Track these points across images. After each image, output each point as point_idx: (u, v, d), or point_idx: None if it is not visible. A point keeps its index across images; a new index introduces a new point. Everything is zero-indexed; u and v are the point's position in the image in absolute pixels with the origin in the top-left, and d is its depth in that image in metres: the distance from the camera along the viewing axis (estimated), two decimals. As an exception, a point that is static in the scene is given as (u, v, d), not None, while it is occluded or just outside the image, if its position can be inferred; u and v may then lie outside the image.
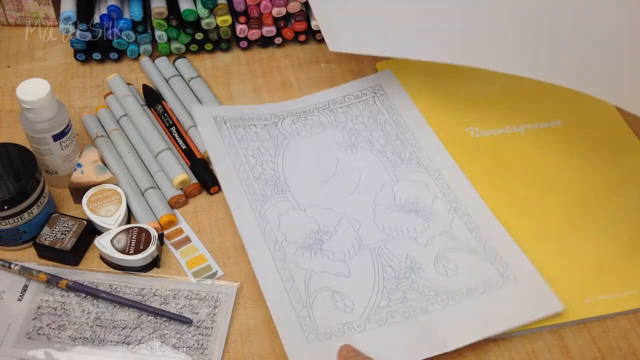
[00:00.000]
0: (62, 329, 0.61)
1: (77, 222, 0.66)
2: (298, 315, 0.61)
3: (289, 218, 0.68)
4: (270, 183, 0.70)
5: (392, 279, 0.64)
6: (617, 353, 0.61)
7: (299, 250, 0.65)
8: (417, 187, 0.71)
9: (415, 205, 0.69)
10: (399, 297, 0.62)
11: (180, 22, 0.82)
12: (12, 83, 0.82)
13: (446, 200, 0.69)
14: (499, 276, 0.64)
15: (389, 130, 0.76)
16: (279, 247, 0.65)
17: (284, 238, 0.66)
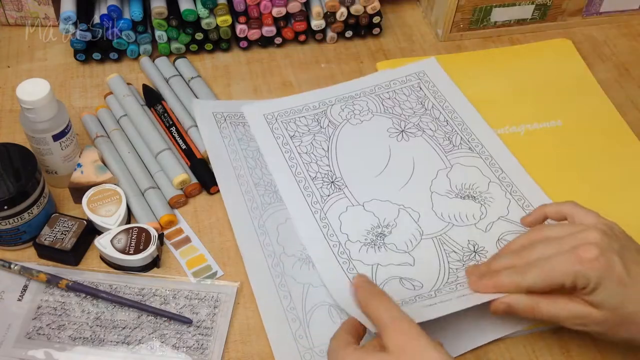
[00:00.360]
0: (62, 329, 0.61)
1: (77, 222, 0.66)
2: (294, 335, 0.60)
3: (287, 228, 0.67)
4: (269, 190, 0.70)
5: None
6: (617, 353, 0.61)
7: (297, 263, 0.65)
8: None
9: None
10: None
11: (180, 22, 0.82)
12: (12, 83, 0.82)
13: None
14: None
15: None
16: (277, 261, 0.65)
17: (283, 251, 0.66)
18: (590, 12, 0.91)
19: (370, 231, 0.66)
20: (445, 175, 0.71)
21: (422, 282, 0.63)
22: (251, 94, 0.82)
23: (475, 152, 0.73)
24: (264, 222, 0.68)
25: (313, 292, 0.63)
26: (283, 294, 0.63)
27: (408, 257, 0.65)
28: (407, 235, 0.66)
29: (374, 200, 0.69)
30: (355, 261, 0.64)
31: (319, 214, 0.67)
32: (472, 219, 0.68)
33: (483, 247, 0.65)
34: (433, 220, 0.67)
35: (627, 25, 0.93)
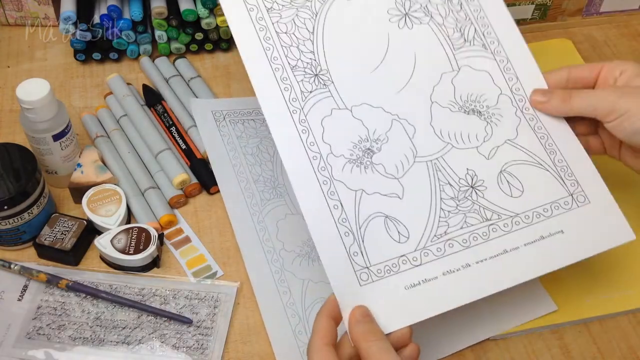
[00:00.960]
0: (62, 329, 0.61)
1: (77, 222, 0.66)
2: (294, 331, 0.61)
3: (287, 224, 0.68)
4: (269, 186, 0.70)
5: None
6: (617, 353, 0.61)
7: (297, 259, 0.65)
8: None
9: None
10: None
11: (180, 22, 0.82)
12: (12, 83, 0.82)
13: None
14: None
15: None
16: (277, 256, 0.65)
17: (282, 246, 0.66)
18: (590, 12, 0.91)
19: (357, 145, 0.56)
20: (450, 80, 0.60)
21: (409, 229, 0.54)
22: (251, 94, 0.81)
23: (489, 51, 0.61)
24: (264, 218, 0.68)
25: (313, 288, 0.63)
26: (282, 289, 0.63)
27: (397, 185, 0.56)
28: (398, 156, 0.57)
29: (364, 105, 0.58)
30: (337, 182, 0.55)
31: (297, 114, 0.56)
32: (475, 140, 0.58)
33: (482, 180, 0.57)
34: (430, 139, 0.58)
35: (627, 25, 0.93)
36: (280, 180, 0.71)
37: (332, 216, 0.54)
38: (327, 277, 0.62)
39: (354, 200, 0.54)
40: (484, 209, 0.56)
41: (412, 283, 0.53)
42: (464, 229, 0.55)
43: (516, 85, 0.61)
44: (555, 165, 0.59)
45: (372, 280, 0.52)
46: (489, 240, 0.55)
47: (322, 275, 0.64)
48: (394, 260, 0.53)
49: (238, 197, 0.69)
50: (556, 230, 0.56)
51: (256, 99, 0.78)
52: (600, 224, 0.57)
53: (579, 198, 0.58)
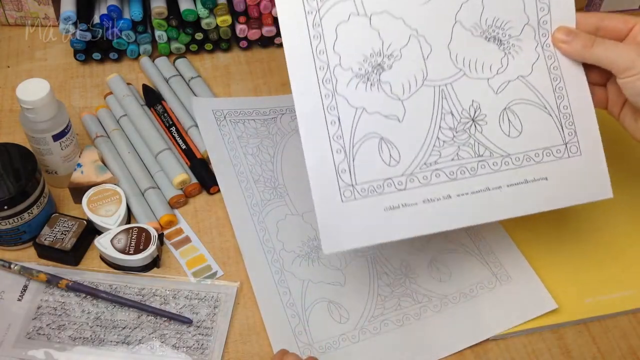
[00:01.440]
0: (62, 329, 0.61)
1: (77, 222, 0.66)
2: (294, 331, 0.61)
3: (287, 224, 0.68)
4: (269, 186, 0.70)
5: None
6: (617, 353, 0.61)
7: (297, 259, 0.65)
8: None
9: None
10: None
11: (180, 22, 0.82)
12: (12, 83, 0.82)
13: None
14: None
15: None
16: (277, 257, 0.65)
17: (282, 247, 0.66)
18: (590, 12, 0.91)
19: (369, 58, 0.54)
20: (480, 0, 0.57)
21: (401, 153, 0.54)
22: (251, 94, 0.82)
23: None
24: (264, 218, 0.68)
25: (313, 288, 0.63)
26: (282, 290, 0.63)
27: (399, 106, 0.55)
28: (407, 76, 0.55)
29: (385, 13, 0.55)
30: (339, 97, 0.54)
31: (312, 16, 0.54)
32: (489, 71, 0.57)
33: (485, 115, 0.56)
34: (444, 62, 0.56)
35: (627, 25, 0.93)
36: (280, 181, 0.71)
37: (328, 131, 0.53)
38: (327, 278, 0.62)
39: (353, 117, 0.54)
40: (479, 144, 0.56)
41: (392, 205, 0.54)
42: (454, 161, 0.55)
43: (545, 17, 0.58)
44: (559, 110, 0.58)
45: (355, 198, 0.53)
46: (475, 176, 0.56)
47: (322, 276, 0.64)
48: (380, 182, 0.54)
49: (238, 197, 0.69)
50: (541, 176, 0.57)
51: (257, 99, 0.79)
52: (584, 177, 0.57)
53: (572, 148, 0.58)
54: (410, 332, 0.61)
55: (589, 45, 0.57)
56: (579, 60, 0.58)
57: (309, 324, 0.61)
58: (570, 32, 0.58)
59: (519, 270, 0.64)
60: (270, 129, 0.76)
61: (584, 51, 0.57)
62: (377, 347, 0.60)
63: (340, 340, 0.60)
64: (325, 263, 0.65)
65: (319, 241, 0.65)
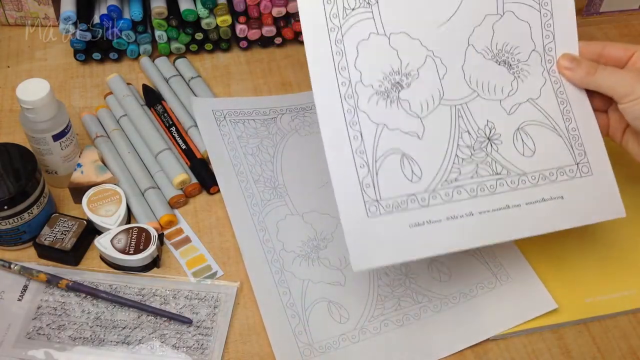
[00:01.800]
0: (62, 329, 0.61)
1: (77, 222, 0.66)
2: (294, 331, 0.61)
3: (287, 224, 0.68)
4: (269, 186, 0.70)
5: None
6: (617, 353, 0.61)
7: (297, 259, 0.65)
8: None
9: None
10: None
11: (180, 22, 0.82)
12: (12, 83, 0.82)
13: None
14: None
15: None
16: (277, 257, 0.65)
17: (282, 247, 0.66)
18: (590, 12, 0.91)
19: (388, 76, 0.56)
20: (491, 24, 0.59)
21: (422, 169, 0.56)
22: (251, 94, 0.82)
23: (537, 1, 0.60)
24: (264, 218, 0.68)
25: (312, 288, 0.63)
26: (282, 290, 0.63)
27: (419, 124, 0.57)
28: (425, 95, 0.57)
29: (403, 34, 0.57)
30: (361, 112, 0.55)
31: (335, 33, 0.56)
32: (500, 93, 0.59)
33: (499, 134, 0.58)
34: (459, 83, 0.58)
35: (627, 25, 0.93)
36: (280, 181, 0.71)
37: (351, 145, 0.55)
38: (327, 278, 0.62)
39: (375, 133, 0.55)
40: (496, 162, 0.58)
41: (417, 222, 0.55)
42: (474, 178, 0.57)
43: (550, 44, 0.61)
44: (568, 132, 0.60)
45: (380, 214, 0.54)
46: (494, 194, 0.57)
47: (322, 276, 0.64)
48: (403, 198, 0.55)
49: (238, 197, 0.69)
50: (557, 195, 0.58)
51: (257, 99, 0.79)
52: (597, 196, 0.59)
53: (583, 168, 0.59)
54: (410, 332, 0.61)
55: (591, 72, 0.59)
56: (582, 86, 0.61)
57: (309, 324, 0.61)
58: (574, 59, 0.60)
59: (519, 270, 0.64)
60: (270, 129, 0.76)
61: (586, 78, 0.59)
62: (377, 347, 0.60)
63: (340, 340, 0.60)
64: (325, 263, 0.65)
65: (319, 241, 0.65)
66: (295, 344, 0.60)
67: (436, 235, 0.55)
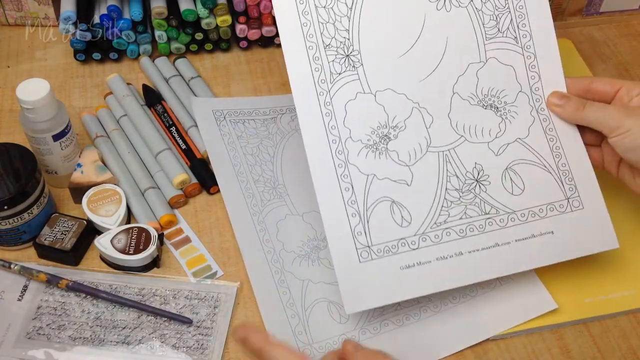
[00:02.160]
0: (62, 329, 0.61)
1: (77, 222, 0.66)
2: (294, 331, 0.61)
3: (287, 224, 0.68)
4: (269, 186, 0.70)
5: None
6: (617, 353, 0.61)
7: (297, 259, 0.65)
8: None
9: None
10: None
11: (180, 22, 0.82)
12: (12, 83, 0.82)
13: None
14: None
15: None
16: (277, 257, 0.65)
17: (282, 247, 0.66)
18: (590, 12, 0.91)
19: (376, 130, 0.59)
20: (475, 72, 0.61)
21: (412, 215, 0.58)
22: (251, 94, 0.82)
23: (519, 45, 0.62)
24: (264, 218, 0.68)
25: (312, 289, 0.63)
26: (282, 290, 0.63)
27: (407, 172, 0.59)
28: (412, 144, 0.59)
29: (388, 90, 0.60)
30: (351, 166, 0.58)
31: (324, 97, 0.59)
32: (488, 135, 0.60)
33: (488, 175, 0.60)
34: (445, 130, 0.60)
35: (627, 25, 0.93)
36: (280, 181, 0.71)
37: (343, 197, 0.57)
38: (327, 278, 0.63)
39: (365, 183, 0.58)
40: (485, 202, 0.59)
41: (407, 264, 0.57)
42: (462, 219, 0.58)
43: (537, 84, 0.62)
44: (558, 168, 0.61)
45: (371, 259, 0.56)
46: (483, 233, 0.59)
47: (321, 276, 0.64)
48: (394, 242, 0.57)
49: (238, 197, 0.69)
50: (547, 230, 0.60)
51: (257, 99, 0.79)
52: (589, 229, 0.61)
53: (574, 203, 0.61)
54: (410, 332, 0.61)
55: (580, 108, 0.61)
56: (571, 122, 0.62)
57: (309, 324, 0.61)
58: (563, 96, 0.62)
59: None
60: (270, 129, 0.76)
61: (575, 114, 0.61)
62: (377, 347, 0.60)
63: (340, 341, 0.60)
64: (325, 263, 0.65)
65: (319, 241, 0.65)
66: (295, 344, 0.60)
67: (426, 276, 0.57)
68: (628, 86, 0.61)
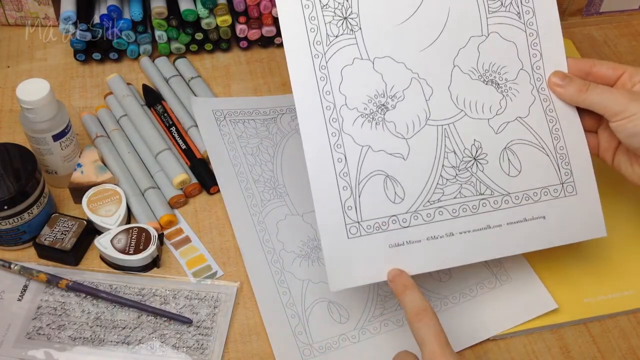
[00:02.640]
0: (62, 329, 0.61)
1: (77, 222, 0.66)
2: (294, 331, 0.61)
3: (287, 225, 0.68)
4: (269, 186, 0.70)
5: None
6: (617, 353, 0.61)
7: (297, 259, 0.65)
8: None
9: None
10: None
11: (180, 22, 0.82)
12: (12, 83, 0.82)
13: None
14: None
15: None
16: (277, 257, 0.65)
17: (282, 247, 0.66)
18: (590, 12, 0.91)
19: (373, 99, 0.56)
20: (476, 45, 0.59)
21: (405, 191, 0.56)
22: (251, 93, 0.82)
23: (522, 21, 0.60)
24: (264, 218, 0.68)
25: (312, 289, 0.63)
26: (282, 290, 0.63)
27: (404, 145, 0.57)
28: (410, 116, 0.57)
29: (387, 58, 0.57)
30: (345, 135, 0.55)
31: (319, 60, 0.56)
32: (489, 112, 0.59)
33: (486, 154, 0.58)
34: (445, 103, 0.58)
35: (627, 25, 0.93)
36: (280, 181, 0.71)
37: (335, 169, 0.55)
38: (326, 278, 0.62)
39: (359, 155, 0.55)
40: (480, 182, 0.58)
41: (397, 242, 0.56)
42: (457, 199, 0.57)
43: (538, 63, 0.61)
44: (556, 151, 0.60)
45: (360, 235, 0.55)
46: (476, 214, 0.57)
47: (321, 276, 0.64)
48: (385, 219, 0.55)
49: (238, 197, 0.69)
50: (539, 215, 0.59)
51: (257, 99, 0.79)
52: (579, 216, 0.59)
53: (568, 188, 0.60)
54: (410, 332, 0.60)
55: (583, 90, 0.59)
56: (573, 104, 0.61)
57: (309, 324, 0.61)
58: (565, 76, 0.60)
59: (519, 270, 0.64)
60: (270, 129, 0.76)
61: (577, 95, 0.59)
62: (377, 347, 0.60)
63: (340, 340, 0.60)
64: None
65: (319, 241, 0.65)
66: (295, 344, 0.60)
67: (415, 256, 0.56)
68: (631, 71, 0.59)
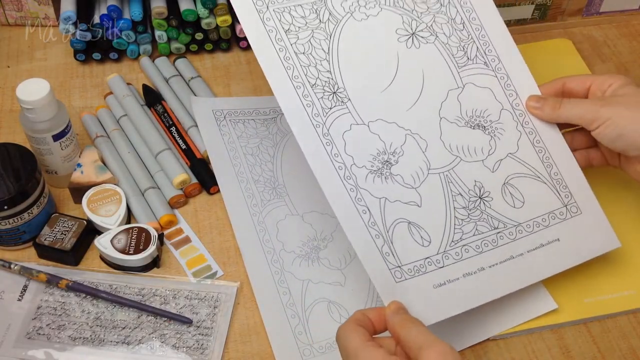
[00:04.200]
0: (62, 329, 0.61)
1: (77, 222, 0.66)
2: (294, 331, 0.61)
3: (287, 225, 0.68)
4: (269, 186, 0.70)
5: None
6: (617, 353, 0.61)
7: (297, 259, 0.65)
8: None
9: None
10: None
11: (180, 22, 0.82)
12: (12, 83, 0.82)
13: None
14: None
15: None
16: (277, 257, 0.65)
17: (282, 247, 0.66)
18: (590, 12, 0.91)
19: (377, 157, 0.60)
20: (456, 97, 0.64)
21: (430, 234, 0.59)
22: (251, 94, 0.82)
23: (491, 69, 0.65)
24: (264, 218, 0.68)
25: (312, 289, 0.63)
26: (282, 290, 0.63)
27: (415, 194, 0.60)
28: (414, 167, 0.60)
29: (379, 120, 0.61)
30: (362, 190, 0.58)
31: (321, 128, 0.60)
32: (481, 153, 0.62)
33: (489, 192, 0.61)
34: (441, 152, 0.62)
35: (627, 25, 0.93)
36: (280, 181, 0.71)
37: (362, 220, 0.57)
38: (327, 278, 0.63)
39: (379, 206, 0.58)
40: (492, 218, 0.61)
41: (439, 282, 0.58)
42: (476, 235, 0.60)
43: (516, 100, 0.65)
44: (551, 178, 0.63)
45: (405, 279, 0.57)
46: (497, 247, 0.60)
47: (321, 276, 0.64)
48: (421, 262, 0.58)
49: (238, 197, 0.69)
50: (553, 238, 0.61)
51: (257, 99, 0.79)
52: (591, 232, 0.62)
53: (572, 209, 0.63)
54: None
55: (556, 106, 0.62)
56: (552, 121, 0.64)
57: (309, 324, 0.61)
58: (539, 98, 0.64)
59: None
60: (270, 129, 0.76)
61: (553, 112, 0.63)
62: None
63: None
64: (325, 263, 0.65)
65: (319, 241, 0.65)
66: (295, 344, 0.60)
67: (458, 293, 0.58)
68: (597, 82, 0.62)
